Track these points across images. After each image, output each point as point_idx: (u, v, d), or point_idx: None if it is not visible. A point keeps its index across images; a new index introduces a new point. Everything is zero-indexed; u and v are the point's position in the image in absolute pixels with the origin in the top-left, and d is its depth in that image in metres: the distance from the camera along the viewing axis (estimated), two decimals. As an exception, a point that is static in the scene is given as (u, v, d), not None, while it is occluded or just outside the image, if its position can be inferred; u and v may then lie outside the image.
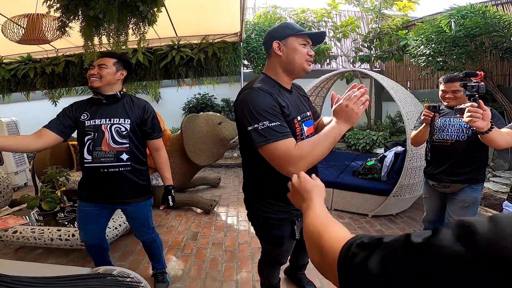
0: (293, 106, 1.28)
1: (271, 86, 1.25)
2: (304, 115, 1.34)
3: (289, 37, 1.25)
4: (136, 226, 1.96)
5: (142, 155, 1.81)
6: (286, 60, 1.26)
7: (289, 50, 1.25)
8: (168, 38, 4.23)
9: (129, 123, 1.70)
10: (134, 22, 2.12)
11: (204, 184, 4.42)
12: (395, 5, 5.86)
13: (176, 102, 6.79)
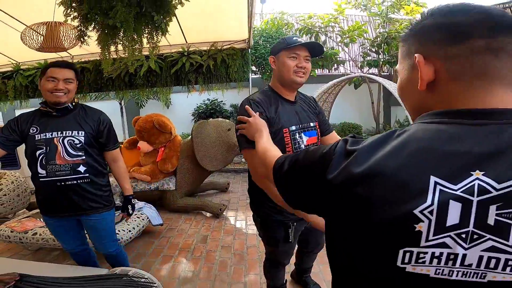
0: (288, 116, 1.36)
1: (267, 97, 1.37)
2: (303, 126, 1.41)
3: (281, 52, 1.34)
4: (100, 238, 1.88)
5: (101, 167, 1.79)
6: (279, 74, 1.37)
7: (280, 64, 1.35)
8: (179, 45, 4.34)
9: (83, 135, 1.66)
10: (148, 31, 2.23)
11: (213, 188, 4.54)
12: (402, 9, 5.85)
13: (186, 107, 6.94)
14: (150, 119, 3.68)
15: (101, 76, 4.58)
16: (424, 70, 0.52)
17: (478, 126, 0.45)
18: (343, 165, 0.50)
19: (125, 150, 4.11)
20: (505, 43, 0.47)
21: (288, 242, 1.50)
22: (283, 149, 1.29)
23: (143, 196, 3.54)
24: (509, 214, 0.39)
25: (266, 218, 1.49)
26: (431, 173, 0.42)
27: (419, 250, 0.42)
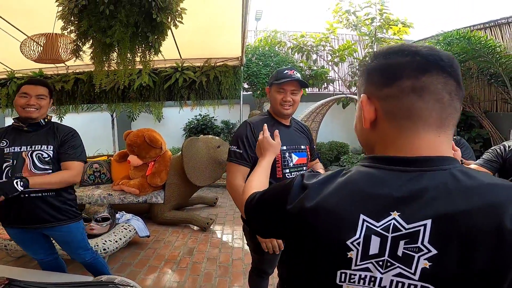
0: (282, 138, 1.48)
1: (264, 120, 1.55)
2: (294, 147, 1.60)
3: (272, 85, 1.55)
4: (73, 249, 1.89)
5: None
6: (271, 104, 1.60)
7: (271, 96, 1.58)
8: (173, 60, 4.42)
9: (51, 150, 1.68)
10: (142, 50, 2.33)
11: (201, 203, 4.59)
12: (390, 29, 6.07)
13: (177, 122, 7.02)
14: (141, 134, 3.75)
15: (94, 88, 4.58)
16: (366, 109, 0.58)
17: (401, 172, 0.52)
18: (299, 198, 0.59)
19: (115, 163, 4.15)
20: (428, 82, 0.51)
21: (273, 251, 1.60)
22: (274, 166, 1.49)
23: (131, 208, 3.57)
24: (414, 248, 0.48)
25: None
26: (361, 211, 0.51)
27: (351, 272, 0.53)
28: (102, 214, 2.77)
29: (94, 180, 4.07)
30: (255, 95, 5.82)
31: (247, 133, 1.50)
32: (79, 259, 1.95)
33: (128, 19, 1.96)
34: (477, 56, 3.95)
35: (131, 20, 1.98)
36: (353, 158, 5.83)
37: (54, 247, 1.97)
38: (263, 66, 5.65)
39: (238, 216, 4.13)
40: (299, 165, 1.61)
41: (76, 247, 1.90)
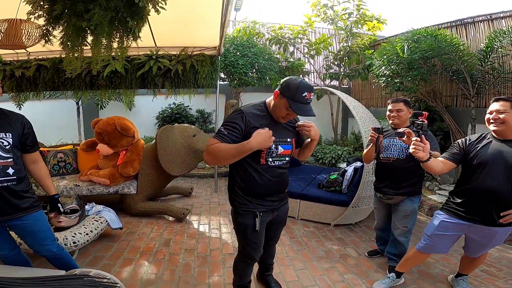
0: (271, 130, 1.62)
1: (259, 110, 1.68)
2: (282, 140, 1.70)
3: (285, 98, 1.56)
4: (40, 240, 1.83)
5: (24, 169, 1.79)
6: (274, 108, 1.65)
7: (278, 105, 1.61)
8: (147, 48, 4.29)
9: (11, 137, 1.67)
10: (120, 35, 2.22)
11: (176, 193, 4.49)
12: (365, 25, 6.26)
13: (150, 111, 6.78)
14: (112, 122, 3.57)
15: (58, 75, 4.38)
16: None
17: None
18: None
19: (82, 153, 3.93)
20: None
21: (255, 230, 1.72)
22: (258, 153, 1.63)
23: (101, 199, 3.41)
24: None
25: (239, 207, 1.74)
26: None
27: None
28: (70, 205, 2.62)
29: (59, 171, 3.83)
30: (231, 84, 5.77)
31: (238, 120, 1.59)
32: (45, 252, 1.87)
33: (108, 3, 1.86)
34: (442, 54, 4.14)
35: (111, 4, 1.89)
36: (326, 149, 6.01)
37: (16, 242, 1.90)
38: (241, 56, 5.61)
39: (214, 206, 4.11)
40: (283, 155, 1.73)
41: (43, 237, 1.83)
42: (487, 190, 1.79)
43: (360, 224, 3.57)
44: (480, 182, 1.81)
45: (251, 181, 1.67)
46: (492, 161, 1.78)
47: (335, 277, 2.43)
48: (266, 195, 1.74)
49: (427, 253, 2.11)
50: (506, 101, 1.78)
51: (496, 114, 1.80)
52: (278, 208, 1.84)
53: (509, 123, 1.75)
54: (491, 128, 1.85)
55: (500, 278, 2.39)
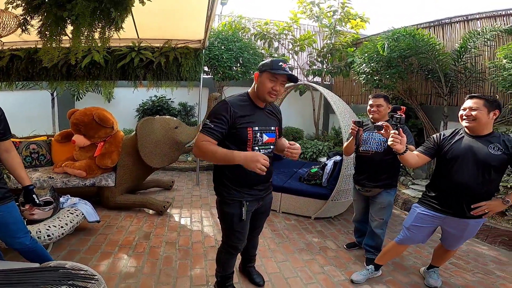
0: (256, 119, 1.68)
1: (242, 100, 1.69)
2: (266, 128, 1.73)
3: (265, 72, 1.62)
4: (13, 232, 1.77)
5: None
6: (257, 88, 1.67)
7: (261, 81, 1.64)
8: (129, 39, 4.19)
9: None
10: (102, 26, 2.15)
11: (157, 186, 4.41)
12: (349, 23, 6.36)
13: (130, 103, 6.59)
14: (90, 112, 3.45)
15: (33, 65, 4.23)
16: None
17: None
18: None
19: (57, 144, 3.77)
20: None
21: (241, 220, 1.74)
22: (245, 142, 1.65)
23: (76, 192, 3.29)
24: None
25: (226, 196, 1.75)
26: None
27: None
28: (44, 197, 2.51)
29: (32, 162, 3.67)
30: (215, 78, 5.71)
31: (223, 111, 1.60)
32: (18, 245, 1.80)
33: None
34: (419, 53, 4.29)
35: None
36: (307, 144, 6.10)
37: None
38: (226, 50, 5.57)
39: (196, 200, 4.08)
40: (268, 143, 1.74)
41: (16, 229, 1.77)
42: (459, 183, 1.88)
43: (339, 218, 3.66)
44: (452, 176, 1.90)
45: (238, 170, 1.66)
46: (464, 156, 1.87)
47: (315, 269, 2.49)
48: (253, 184, 1.75)
49: (406, 244, 2.20)
50: (480, 98, 1.85)
51: (469, 111, 1.86)
52: (264, 197, 1.87)
53: (480, 120, 1.83)
54: (463, 124, 1.93)
55: (468, 270, 2.53)
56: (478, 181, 1.83)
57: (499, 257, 2.78)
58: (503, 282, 2.36)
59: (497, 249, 2.96)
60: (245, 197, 1.75)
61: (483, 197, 1.86)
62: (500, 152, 1.79)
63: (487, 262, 2.69)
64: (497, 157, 1.79)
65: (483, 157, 1.81)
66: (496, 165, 1.80)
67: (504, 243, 2.97)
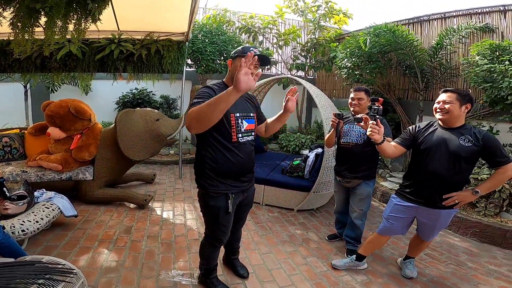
0: (235, 105, 1.54)
1: (222, 88, 1.64)
2: (245, 114, 1.74)
3: (237, 57, 1.65)
4: None
5: None
6: (232, 75, 1.67)
7: (235, 66, 1.65)
8: (109, 31, 4.05)
9: None
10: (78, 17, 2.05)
11: (137, 180, 4.32)
12: (332, 18, 6.39)
13: (109, 95, 6.37)
14: (66, 104, 3.32)
15: (5, 57, 4.03)
16: None
17: None
18: None
19: (30, 137, 3.61)
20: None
21: (228, 212, 1.72)
22: (229, 130, 1.64)
23: (52, 186, 3.17)
24: None
25: (210, 189, 1.71)
26: None
27: None
28: (17, 191, 2.41)
29: (4, 156, 3.51)
30: (198, 71, 5.62)
31: (207, 92, 1.59)
32: None
33: None
34: (398, 49, 4.41)
35: None
36: (290, 137, 6.16)
37: None
38: (209, 43, 5.48)
39: (179, 193, 4.03)
40: (249, 130, 1.76)
41: None
42: (431, 173, 1.96)
43: (321, 210, 3.74)
44: (425, 166, 1.99)
45: (223, 160, 1.65)
46: (436, 147, 1.95)
47: (298, 260, 2.54)
48: (239, 174, 1.74)
49: (386, 235, 2.27)
50: (453, 92, 1.93)
51: (442, 104, 1.95)
52: (247, 189, 1.86)
53: (453, 113, 1.91)
54: (437, 117, 2.01)
55: (441, 261, 2.65)
56: (449, 171, 1.92)
57: (470, 249, 2.92)
58: (475, 273, 2.47)
59: (469, 240, 3.11)
60: (230, 189, 1.72)
61: (453, 187, 1.95)
62: (470, 143, 1.87)
63: (459, 253, 2.81)
64: (468, 149, 1.87)
65: (454, 148, 1.89)
66: (466, 156, 1.88)
67: (475, 234, 3.12)
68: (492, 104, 3.52)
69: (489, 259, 2.71)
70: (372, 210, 3.76)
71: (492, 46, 3.52)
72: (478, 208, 3.34)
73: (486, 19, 4.22)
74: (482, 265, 2.62)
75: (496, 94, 3.36)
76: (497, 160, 1.84)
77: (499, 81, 3.29)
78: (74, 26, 2.06)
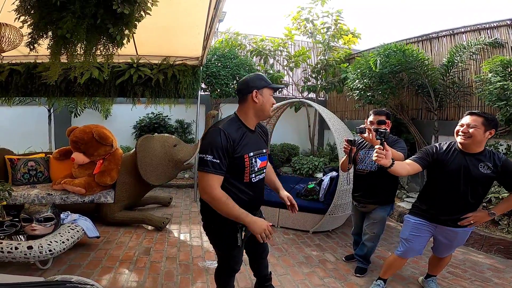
0: (250, 144, 1.59)
1: (236, 127, 1.57)
2: (259, 152, 1.65)
3: (264, 88, 1.59)
4: None
5: None
6: (260, 107, 1.59)
7: (264, 98, 1.59)
8: (128, 56, 4.23)
9: None
10: (103, 43, 2.19)
11: (155, 203, 4.41)
12: (341, 39, 6.50)
13: (127, 119, 6.63)
14: (90, 130, 3.49)
15: (32, 80, 4.24)
16: None
17: None
18: None
19: (55, 161, 3.78)
20: None
21: (237, 246, 1.63)
22: (242, 171, 1.57)
23: (75, 208, 3.29)
24: None
25: (219, 225, 1.63)
26: None
27: None
28: (45, 214, 2.52)
29: (29, 179, 3.67)
30: (212, 95, 5.80)
31: (223, 142, 1.47)
32: None
33: (83, 10, 1.82)
34: (409, 68, 4.40)
35: (86, 11, 1.84)
36: (303, 160, 6.18)
37: None
38: (222, 67, 5.65)
39: (195, 216, 4.08)
40: (262, 168, 1.69)
41: None
42: (451, 197, 1.96)
43: (337, 231, 3.70)
44: (446, 190, 1.97)
45: (235, 199, 1.53)
46: (458, 172, 1.92)
47: (315, 281, 2.51)
48: (248, 210, 1.61)
49: (406, 257, 2.22)
50: (479, 116, 1.86)
51: (466, 127, 1.89)
52: None
53: (476, 138, 1.86)
54: (458, 140, 1.96)
55: (465, 279, 2.58)
56: (469, 195, 1.92)
57: (496, 265, 2.84)
58: (501, 289, 2.40)
59: (493, 257, 3.03)
60: (238, 223, 1.59)
61: (471, 208, 1.97)
62: (489, 171, 1.87)
63: (484, 270, 2.74)
64: (487, 175, 1.88)
65: (474, 176, 1.88)
66: (484, 182, 1.90)
67: (500, 251, 3.05)
68: (508, 122, 3.47)
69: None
70: (390, 231, 3.69)
71: (504, 62, 3.49)
72: (501, 226, 3.29)
73: (494, 34, 4.18)
74: (509, 280, 2.54)
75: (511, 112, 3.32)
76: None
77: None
78: (100, 51, 2.11)
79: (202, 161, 1.48)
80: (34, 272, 2.31)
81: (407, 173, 2.01)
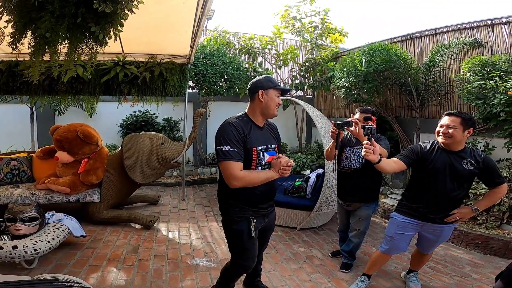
0: (258, 138, 1.73)
1: (244, 121, 1.73)
2: (267, 146, 1.78)
3: (270, 89, 1.73)
4: None
5: None
6: (266, 106, 1.74)
7: (269, 98, 1.73)
8: (113, 54, 4.16)
9: None
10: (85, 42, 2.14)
11: (142, 201, 4.38)
12: (329, 37, 6.56)
13: (113, 118, 6.51)
14: (74, 129, 3.42)
15: (14, 78, 4.11)
16: None
17: None
18: None
19: (38, 160, 3.70)
20: None
21: (251, 237, 1.73)
22: (249, 163, 1.69)
23: (60, 207, 3.24)
24: None
25: (233, 214, 1.76)
26: None
27: None
28: (29, 213, 2.48)
29: (12, 179, 3.58)
30: (200, 93, 5.78)
31: (235, 133, 1.64)
32: None
33: (63, 9, 1.80)
34: (393, 67, 4.51)
35: (66, 11, 1.82)
36: (291, 157, 6.23)
37: None
38: (210, 65, 5.63)
39: (183, 214, 4.08)
40: (269, 162, 1.78)
41: None
42: (438, 193, 2.04)
43: (324, 227, 3.77)
44: (432, 187, 2.05)
45: (247, 191, 1.69)
46: (443, 169, 2.01)
47: (303, 277, 2.56)
48: (259, 203, 1.78)
49: (390, 254, 2.28)
50: (457, 116, 1.94)
51: (446, 128, 1.98)
52: (269, 213, 1.90)
53: (456, 138, 1.95)
54: (439, 140, 2.05)
55: (445, 274, 2.68)
56: (454, 191, 2.01)
57: (474, 260, 2.95)
58: (479, 284, 2.50)
59: (472, 252, 3.14)
60: (251, 214, 1.76)
61: (456, 204, 2.07)
62: (472, 167, 1.97)
63: (463, 265, 2.84)
64: (470, 171, 1.97)
65: (458, 172, 1.98)
66: (468, 178, 2.00)
67: (478, 246, 3.16)
68: (486, 120, 3.60)
69: (493, 270, 2.73)
70: (374, 227, 3.79)
71: (482, 62, 3.60)
72: (479, 221, 3.39)
73: (475, 34, 4.27)
74: (486, 275, 2.64)
75: (489, 110, 3.44)
76: (495, 181, 1.97)
77: (491, 98, 3.36)
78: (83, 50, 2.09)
79: (220, 152, 1.61)
80: (20, 272, 2.29)
81: (393, 170, 2.08)
